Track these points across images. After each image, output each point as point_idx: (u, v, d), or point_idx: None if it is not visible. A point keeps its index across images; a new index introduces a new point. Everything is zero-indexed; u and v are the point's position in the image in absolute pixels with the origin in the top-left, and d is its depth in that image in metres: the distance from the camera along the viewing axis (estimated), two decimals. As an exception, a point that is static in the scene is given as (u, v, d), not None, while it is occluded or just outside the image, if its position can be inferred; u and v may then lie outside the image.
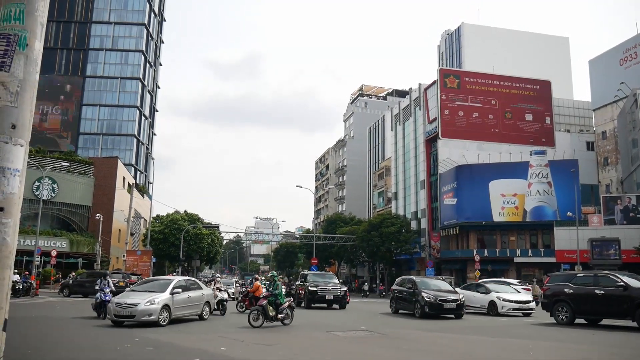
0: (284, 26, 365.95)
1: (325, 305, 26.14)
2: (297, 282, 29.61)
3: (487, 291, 23.77)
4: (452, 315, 20.05)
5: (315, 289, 25.67)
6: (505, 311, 22.41)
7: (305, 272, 33.46)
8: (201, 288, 18.12)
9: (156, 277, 25.77)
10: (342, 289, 26.19)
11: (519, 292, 25.21)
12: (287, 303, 16.09)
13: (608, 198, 52.70)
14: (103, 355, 9.94)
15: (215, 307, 19.69)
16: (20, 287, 30.41)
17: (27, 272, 34.59)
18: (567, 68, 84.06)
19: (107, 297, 17.08)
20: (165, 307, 15.30)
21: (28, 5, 3.50)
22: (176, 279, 17.85)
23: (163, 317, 15.12)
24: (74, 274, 39.87)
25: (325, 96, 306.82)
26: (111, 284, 18.37)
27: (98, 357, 9.74)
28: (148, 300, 14.92)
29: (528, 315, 22.48)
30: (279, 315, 15.74)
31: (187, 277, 21.41)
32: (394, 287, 23.82)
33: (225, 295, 21.42)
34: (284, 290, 28.98)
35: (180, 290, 16.20)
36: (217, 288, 21.33)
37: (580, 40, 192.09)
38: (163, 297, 15.38)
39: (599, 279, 16.88)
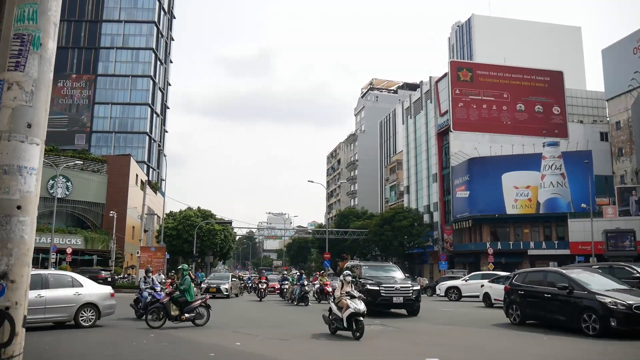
0: (295, 21, 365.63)
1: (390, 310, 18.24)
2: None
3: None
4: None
5: (377, 288, 17.47)
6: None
7: (356, 262, 28.46)
8: (79, 285, 13.84)
9: None
10: (413, 288, 17.93)
11: None
12: (199, 301, 14.12)
13: (623, 189, 52.17)
14: (119, 351, 10.05)
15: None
16: None
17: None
18: (579, 58, 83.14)
19: (159, 296, 14.90)
20: None
21: (41, 5, 3.53)
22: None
23: None
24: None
25: (337, 90, 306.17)
26: (155, 280, 16.83)
27: (114, 353, 9.84)
28: None
29: None
30: (185, 315, 13.70)
31: (52, 271, 16.90)
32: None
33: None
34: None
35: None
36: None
37: (592, 30, 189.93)
38: None
39: (615, 271, 16.69)
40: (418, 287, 18.42)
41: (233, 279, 31.43)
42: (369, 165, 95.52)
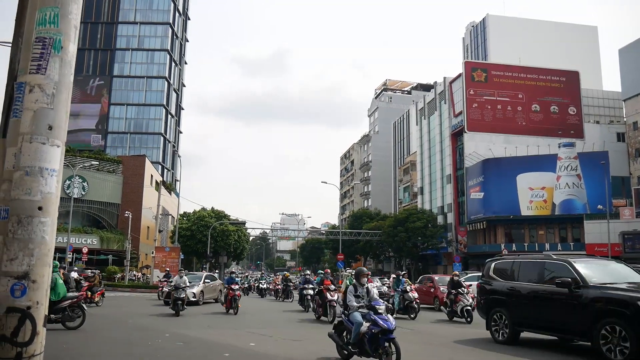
0: (310, 21, 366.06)
1: None
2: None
3: None
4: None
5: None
6: None
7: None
8: None
9: None
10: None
11: None
12: (68, 302, 12.81)
13: (640, 190, 51.54)
14: (135, 350, 10.13)
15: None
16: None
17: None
18: (595, 58, 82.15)
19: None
20: None
21: (62, 9, 3.58)
22: None
23: None
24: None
25: (352, 91, 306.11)
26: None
27: (130, 352, 9.93)
28: None
29: None
30: (52, 316, 12.18)
31: None
32: None
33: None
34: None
35: None
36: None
37: (609, 29, 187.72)
38: None
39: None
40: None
41: (206, 281, 25.00)
42: (382, 166, 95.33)
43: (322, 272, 20.43)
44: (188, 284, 18.18)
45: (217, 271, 50.92)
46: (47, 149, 3.44)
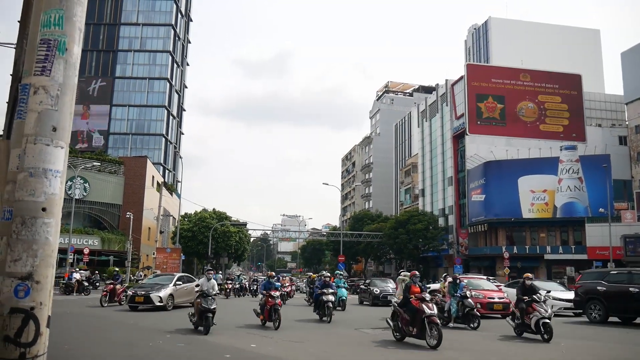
0: (312, 23, 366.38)
1: None
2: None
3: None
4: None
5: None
6: (556, 310, 18.98)
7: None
8: None
9: None
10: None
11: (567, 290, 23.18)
12: None
13: (642, 193, 51.46)
14: (136, 351, 10.13)
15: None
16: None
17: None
18: (598, 61, 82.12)
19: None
20: None
21: (67, 11, 3.60)
22: None
23: None
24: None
25: (354, 93, 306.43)
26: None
27: (131, 353, 9.93)
28: None
29: (579, 314, 19.47)
30: None
31: None
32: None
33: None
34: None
35: None
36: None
37: (611, 33, 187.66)
38: None
39: (633, 277, 16.52)
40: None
41: (178, 283, 21.81)
42: (383, 168, 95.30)
43: (404, 274, 16.93)
44: (217, 290, 14.14)
45: (220, 272, 50.86)
46: (51, 150, 3.46)
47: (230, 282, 34.68)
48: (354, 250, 68.79)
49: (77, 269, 35.70)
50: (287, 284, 32.46)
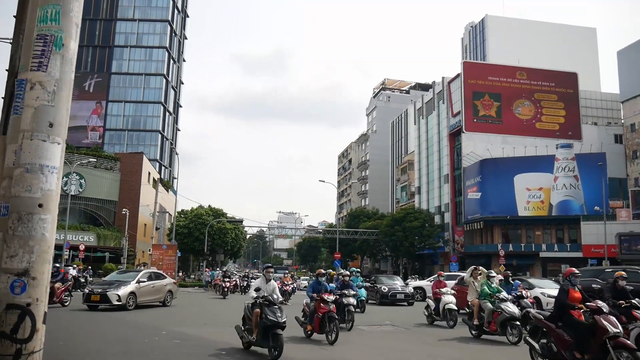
0: (310, 20, 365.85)
1: None
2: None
3: (531, 287, 22.66)
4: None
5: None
6: (550, 307, 19.36)
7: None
8: None
9: None
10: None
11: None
12: None
13: (637, 192, 51.64)
14: (132, 347, 10.13)
15: None
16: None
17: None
18: (594, 59, 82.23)
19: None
20: None
21: (63, 6, 3.59)
22: None
23: None
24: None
25: (352, 91, 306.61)
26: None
27: (127, 349, 9.92)
28: None
29: None
30: None
31: None
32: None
33: None
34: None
35: None
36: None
37: (608, 31, 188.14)
38: None
39: (628, 274, 16.57)
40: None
41: (142, 280, 19.59)
42: (380, 166, 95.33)
43: (480, 271, 14.30)
44: (279, 295, 10.25)
45: (217, 268, 50.82)
46: (47, 146, 3.45)
47: (227, 279, 33.79)
48: (350, 248, 68.84)
49: (74, 266, 35.58)
50: (289, 282, 31.03)
